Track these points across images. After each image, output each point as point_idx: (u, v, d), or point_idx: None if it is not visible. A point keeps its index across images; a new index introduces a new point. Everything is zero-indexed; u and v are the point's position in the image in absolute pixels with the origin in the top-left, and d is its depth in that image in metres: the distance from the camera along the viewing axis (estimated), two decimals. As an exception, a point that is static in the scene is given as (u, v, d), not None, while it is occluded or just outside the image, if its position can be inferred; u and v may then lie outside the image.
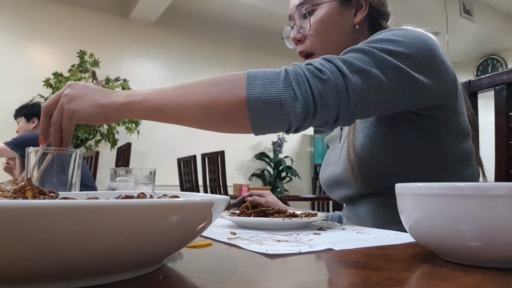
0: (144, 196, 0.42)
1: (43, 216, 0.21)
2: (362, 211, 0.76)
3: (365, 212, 0.75)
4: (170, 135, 4.34)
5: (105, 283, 0.27)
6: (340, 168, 0.77)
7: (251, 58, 4.97)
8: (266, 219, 0.59)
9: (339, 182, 0.79)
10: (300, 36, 0.78)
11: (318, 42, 0.76)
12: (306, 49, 0.78)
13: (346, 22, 0.76)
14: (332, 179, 0.81)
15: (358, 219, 0.77)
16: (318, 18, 0.76)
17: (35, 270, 0.23)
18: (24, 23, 3.70)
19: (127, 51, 4.23)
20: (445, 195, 0.32)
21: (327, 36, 0.76)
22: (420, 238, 0.37)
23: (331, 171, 0.82)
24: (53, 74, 3.47)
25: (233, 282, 0.29)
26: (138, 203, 0.24)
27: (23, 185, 0.33)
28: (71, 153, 0.61)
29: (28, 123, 2.53)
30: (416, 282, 0.31)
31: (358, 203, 0.78)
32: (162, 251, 0.30)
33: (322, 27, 0.76)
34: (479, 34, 4.90)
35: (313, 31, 0.76)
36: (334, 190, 0.83)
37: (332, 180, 0.81)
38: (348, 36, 0.77)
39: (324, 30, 0.76)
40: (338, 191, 0.81)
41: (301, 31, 0.78)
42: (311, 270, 0.35)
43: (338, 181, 0.79)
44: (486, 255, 0.32)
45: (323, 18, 0.76)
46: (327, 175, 0.83)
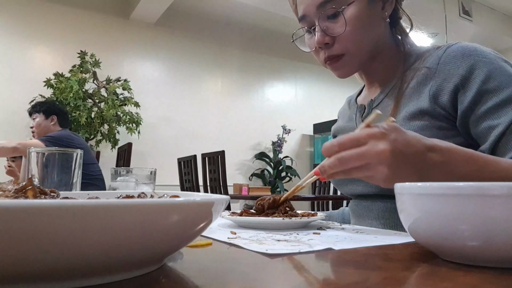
0: (144, 196, 0.42)
1: (44, 215, 0.21)
2: (376, 209, 0.74)
3: (379, 211, 0.73)
4: (171, 135, 4.35)
5: (105, 283, 0.27)
6: None
7: (251, 58, 4.97)
8: (266, 218, 0.59)
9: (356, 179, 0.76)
10: (329, 38, 0.71)
11: (352, 42, 0.70)
12: (337, 52, 0.72)
13: (377, 16, 0.72)
14: None
15: (369, 217, 0.75)
16: (352, 16, 0.69)
17: (35, 270, 0.23)
18: (25, 23, 3.70)
19: (127, 51, 4.24)
20: (444, 195, 0.32)
21: (362, 35, 0.71)
22: (419, 237, 0.37)
23: None
24: (54, 74, 3.47)
25: (233, 282, 0.29)
26: (139, 203, 0.24)
27: (24, 184, 0.34)
28: (72, 153, 0.61)
29: (46, 120, 2.48)
30: (416, 281, 0.31)
31: (373, 200, 0.75)
32: (162, 251, 0.30)
33: (357, 26, 0.70)
34: (478, 35, 4.90)
35: (349, 32, 0.69)
36: (347, 185, 0.80)
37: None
38: (380, 31, 0.74)
39: (359, 29, 0.70)
40: (353, 187, 0.78)
41: (330, 32, 0.71)
42: (311, 269, 0.35)
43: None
44: (485, 255, 0.32)
45: (357, 16, 0.69)
46: None
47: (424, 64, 0.71)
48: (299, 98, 5.40)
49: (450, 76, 0.66)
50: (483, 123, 0.62)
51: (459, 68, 0.65)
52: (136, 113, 3.72)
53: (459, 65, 0.66)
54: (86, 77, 3.54)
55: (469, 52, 0.66)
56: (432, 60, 0.70)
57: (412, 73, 0.72)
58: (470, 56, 0.65)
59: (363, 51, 0.73)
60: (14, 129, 2.61)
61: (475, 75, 0.63)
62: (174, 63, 4.52)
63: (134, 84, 3.83)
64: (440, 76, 0.67)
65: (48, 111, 2.49)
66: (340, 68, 0.74)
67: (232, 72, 4.92)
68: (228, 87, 4.92)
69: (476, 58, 0.65)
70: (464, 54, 0.66)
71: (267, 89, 5.20)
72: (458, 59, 0.66)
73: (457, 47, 0.68)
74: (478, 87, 0.62)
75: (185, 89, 4.57)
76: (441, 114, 0.66)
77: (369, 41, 0.72)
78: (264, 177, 4.92)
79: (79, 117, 3.33)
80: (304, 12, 0.74)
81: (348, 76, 0.78)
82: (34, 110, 2.50)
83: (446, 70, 0.67)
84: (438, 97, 0.66)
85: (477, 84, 0.63)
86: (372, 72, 0.80)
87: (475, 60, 0.65)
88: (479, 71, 0.63)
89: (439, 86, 0.67)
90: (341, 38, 0.70)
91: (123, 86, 3.70)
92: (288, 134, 4.91)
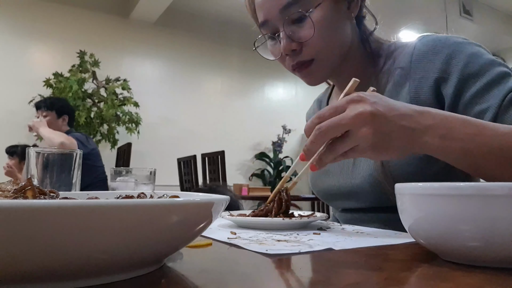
0: (144, 196, 0.42)
1: (43, 216, 0.21)
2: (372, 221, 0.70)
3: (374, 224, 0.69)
4: (170, 135, 4.35)
5: (105, 283, 0.27)
6: (356, 180, 0.69)
7: (251, 58, 4.96)
8: (266, 219, 0.59)
9: (350, 194, 0.72)
10: (296, 44, 0.66)
11: (321, 46, 0.66)
12: (306, 58, 0.67)
13: (343, 17, 0.69)
14: (338, 190, 0.74)
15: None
16: (320, 19, 0.65)
17: (34, 270, 0.23)
18: (24, 23, 3.70)
19: (127, 51, 4.23)
20: (445, 195, 0.32)
21: (331, 38, 0.67)
22: (420, 238, 0.37)
23: (336, 181, 0.74)
24: (53, 74, 3.47)
25: (233, 282, 0.29)
26: (138, 203, 0.24)
27: (24, 185, 0.33)
28: (72, 153, 0.61)
29: (58, 119, 2.42)
30: (416, 282, 0.31)
31: (368, 214, 0.72)
32: (162, 251, 0.30)
33: (325, 29, 0.66)
34: (479, 34, 4.90)
35: (317, 36, 0.65)
36: (337, 200, 0.77)
37: (338, 191, 0.74)
38: (348, 32, 0.70)
39: (328, 32, 0.66)
40: (345, 202, 0.75)
41: (297, 38, 0.66)
42: (311, 270, 0.35)
43: (349, 193, 0.72)
44: (486, 255, 0.32)
45: (324, 18, 0.65)
46: (330, 185, 0.76)
47: (396, 64, 0.68)
48: (299, 98, 5.39)
49: (427, 72, 0.63)
50: (473, 109, 0.60)
51: (435, 62, 0.63)
52: (136, 113, 3.72)
53: (434, 59, 0.64)
54: (86, 77, 3.54)
55: (441, 44, 0.64)
56: (404, 59, 0.67)
57: (386, 76, 0.69)
58: (444, 48, 0.63)
59: (333, 55, 0.69)
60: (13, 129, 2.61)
61: (453, 65, 0.62)
62: (174, 63, 4.52)
63: (133, 84, 3.83)
64: (416, 75, 0.65)
65: (61, 111, 2.42)
66: (309, 74, 0.70)
67: (232, 72, 4.92)
68: (228, 87, 4.91)
69: (449, 48, 0.63)
70: (435, 46, 0.64)
71: (267, 89, 5.19)
72: (430, 54, 0.64)
73: (426, 41, 0.66)
74: (459, 75, 0.61)
75: (185, 89, 4.57)
76: None
77: (338, 43, 0.69)
78: (264, 177, 4.92)
79: (79, 117, 3.33)
80: (266, 17, 0.69)
81: (319, 83, 0.74)
82: (46, 106, 2.40)
83: (421, 67, 0.64)
84: (419, 97, 0.64)
85: (457, 72, 0.61)
86: (343, 76, 0.75)
87: (449, 50, 0.63)
88: (456, 60, 0.62)
89: (417, 85, 0.64)
90: (309, 43, 0.66)
91: (123, 86, 3.70)
92: (288, 134, 4.91)
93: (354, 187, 0.70)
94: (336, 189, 0.74)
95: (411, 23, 4.41)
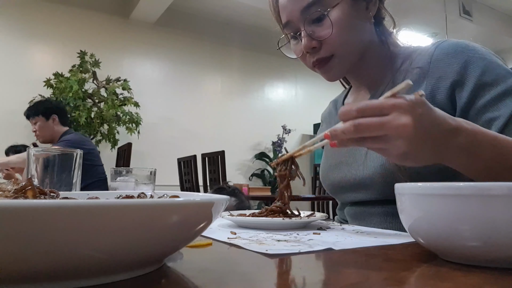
0: (144, 196, 0.42)
1: (43, 216, 0.21)
2: (377, 214, 0.72)
3: (380, 215, 0.71)
4: (171, 135, 4.35)
5: (105, 282, 0.27)
6: (368, 170, 0.71)
7: (251, 58, 4.97)
8: (266, 219, 0.59)
9: (360, 186, 0.73)
10: (316, 42, 0.69)
11: (339, 43, 0.69)
12: (325, 54, 0.70)
13: (361, 17, 0.71)
14: (348, 181, 0.75)
15: (371, 222, 0.73)
16: (338, 18, 0.68)
17: (35, 270, 0.23)
18: (25, 23, 3.70)
19: (127, 51, 4.24)
20: (445, 195, 0.32)
21: (349, 36, 0.70)
22: (419, 238, 0.37)
23: (348, 172, 0.75)
24: (53, 74, 3.47)
25: (233, 282, 0.29)
26: (138, 203, 0.24)
27: (24, 185, 0.33)
28: (72, 153, 0.61)
29: (48, 121, 2.42)
30: (416, 281, 0.31)
31: (373, 206, 0.73)
32: (162, 251, 0.30)
33: (343, 27, 0.68)
34: (478, 35, 4.90)
35: (335, 34, 0.68)
36: (347, 193, 0.77)
37: (349, 183, 0.75)
38: (366, 32, 0.73)
39: (346, 30, 0.69)
40: (354, 194, 0.75)
41: (317, 36, 0.69)
42: (311, 270, 0.35)
43: (359, 184, 0.73)
44: (485, 255, 0.32)
45: (342, 17, 0.68)
46: (341, 177, 0.77)
47: (415, 64, 0.70)
48: (299, 98, 5.40)
49: (445, 74, 0.65)
50: (483, 116, 0.62)
51: (453, 65, 0.65)
52: (136, 113, 3.72)
53: (453, 62, 0.65)
54: (86, 77, 3.54)
55: (461, 49, 0.66)
56: (423, 59, 0.69)
57: (403, 74, 0.71)
58: (463, 53, 0.65)
59: (351, 52, 0.71)
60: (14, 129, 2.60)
61: (471, 70, 0.64)
62: (174, 63, 4.52)
63: (133, 84, 3.82)
64: (434, 75, 0.67)
65: (47, 112, 2.42)
66: (329, 70, 0.73)
67: (232, 72, 4.92)
68: (228, 87, 4.91)
69: (469, 54, 0.65)
70: (456, 50, 0.66)
71: (267, 89, 5.19)
72: (450, 56, 0.66)
73: (448, 44, 0.68)
74: (476, 82, 0.63)
75: (185, 89, 4.57)
76: None
77: (356, 42, 0.71)
78: (264, 177, 4.92)
79: (79, 117, 3.33)
80: (288, 18, 0.72)
81: (338, 78, 0.77)
82: (32, 114, 2.42)
83: (440, 68, 0.66)
84: (435, 96, 0.66)
85: (474, 78, 0.63)
86: (361, 75, 0.79)
87: (468, 56, 0.65)
88: (474, 66, 0.64)
89: (434, 85, 0.66)
90: (328, 41, 0.69)
91: (123, 86, 3.70)
92: (288, 134, 4.91)
93: (365, 178, 0.71)
94: (347, 180, 0.76)
95: (411, 23, 4.41)
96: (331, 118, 0.91)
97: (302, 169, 0.64)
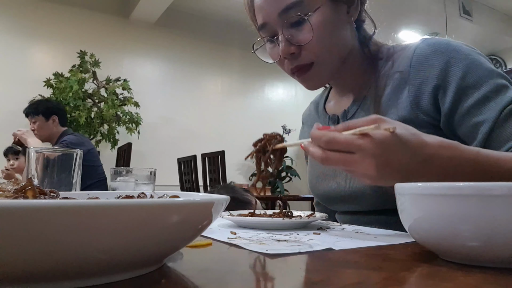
0: (144, 196, 0.42)
1: (43, 216, 0.21)
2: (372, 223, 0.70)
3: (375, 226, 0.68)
4: (170, 135, 4.35)
5: (105, 283, 0.27)
6: (357, 184, 0.69)
7: (251, 58, 4.96)
8: (266, 219, 0.59)
9: (351, 198, 0.71)
10: (295, 48, 0.65)
11: (320, 50, 0.65)
12: (305, 61, 0.66)
13: (343, 21, 0.68)
14: (339, 193, 0.73)
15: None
16: (319, 23, 0.64)
17: (35, 270, 0.23)
18: (25, 23, 3.70)
19: (127, 51, 4.23)
20: (445, 195, 0.32)
21: (330, 42, 0.66)
22: (419, 237, 0.37)
23: (337, 184, 0.74)
24: (53, 74, 3.47)
25: (233, 282, 0.29)
26: (138, 203, 0.24)
27: (24, 185, 0.33)
28: (72, 153, 0.61)
29: (47, 121, 2.41)
30: (416, 281, 0.31)
31: (369, 216, 0.72)
32: (162, 251, 0.30)
33: (324, 32, 0.64)
34: (478, 35, 4.90)
35: (316, 39, 0.64)
36: (338, 204, 0.76)
37: (339, 195, 0.74)
38: (347, 36, 0.69)
39: (327, 35, 0.65)
40: (346, 205, 0.74)
41: (296, 41, 0.65)
42: (311, 270, 0.35)
43: (350, 196, 0.71)
44: (485, 255, 0.32)
45: (323, 22, 0.64)
46: (331, 188, 0.75)
47: (396, 68, 0.68)
48: (299, 98, 5.39)
49: (426, 79, 0.63)
50: (468, 121, 0.60)
51: (434, 67, 0.63)
52: (136, 113, 3.72)
53: (433, 64, 0.63)
54: (86, 77, 3.54)
55: (441, 49, 0.63)
56: (404, 62, 0.67)
57: (384, 79, 0.69)
58: (443, 54, 0.63)
59: (333, 59, 0.68)
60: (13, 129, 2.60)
61: (452, 73, 0.61)
62: (174, 63, 4.52)
63: (133, 84, 3.83)
64: (415, 80, 0.64)
65: (47, 112, 2.42)
66: (309, 79, 0.69)
67: (232, 72, 4.92)
68: (228, 87, 4.91)
69: (449, 54, 0.62)
70: (436, 51, 0.64)
71: (267, 89, 5.19)
72: (430, 58, 0.64)
73: (427, 45, 0.65)
74: (457, 85, 0.60)
75: (185, 89, 4.57)
76: (425, 121, 0.63)
77: (338, 48, 0.68)
78: (264, 177, 4.91)
79: (79, 117, 3.33)
80: (264, 20, 0.68)
81: (318, 87, 0.74)
82: (32, 112, 2.42)
83: (421, 72, 0.64)
84: (419, 102, 0.64)
85: (455, 82, 0.61)
86: (342, 80, 0.76)
87: (448, 57, 0.62)
88: (455, 68, 0.61)
89: (417, 90, 0.64)
90: (308, 47, 0.65)
91: (123, 86, 3.70)
92: (288, 134, 4.91)
93: (355, 191, 0.70)
94: (336, 192, 0.74)
95: (411, 23, 4.42)
96: (312, 120, 0.87)
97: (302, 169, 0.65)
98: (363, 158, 0.44)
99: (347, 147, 0.45)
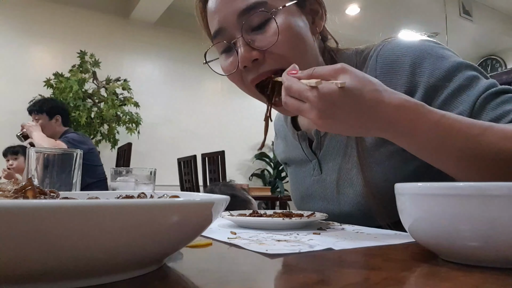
0: (144, 196, 0.42)
1: (43, 216, 0.21)
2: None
3: None
4: (171, 135, 4.35)
5: (105, 283, 0.27)
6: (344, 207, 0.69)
7: (251, 58, 4.97)
8: (266, 219, 0.59)
9: (340, 219, 0.70)
10: (257, 53, 0.58)
11: (288, 52, 0.59)
12: (273, 67, 0.60)
13: (309, 30, 0.63)
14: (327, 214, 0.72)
15: None
16: (285, 24, 0.58)
17: (35, 270, 0.23)
18: (25, 23, 3.70)
19: (127, 51, 4.24)
20: (445, 195, 0.32)
21: (298, 45, 0.60)
22: (419, 237, 0.37)
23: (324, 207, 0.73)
24: (53, 74, 3.47)
25: (233, 282, 0.29)
26: (138, 203, 0.24)
27: (24, 185, 0.33)
28: (72, 153, 0.61)
29: (51, 120, 2.41)
30: (416, 281, 0.31)
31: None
32: (162, 251, 0.30)
33: (291, 35, 0.59)
34: (478, 35, 4.91)
35: (282, 41, 0.58)
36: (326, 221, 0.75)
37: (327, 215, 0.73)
38: (315, 47, 0.65)
39: (294, 38, 0.59)
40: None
41: (257, 46, 0.58)
42: (311, 270, 0.35)
43: (339, 217, 0.70)
44: (485, 255, 0.32)
45: (289, 24, 0.59)
46: (319, 209, 0.74)
47: None
48: (299, 98, 5.40)
49: (395, 87, 0.59)
50: None
51: (400, 74, 0.61)
52: (136, 113, 3.72)
53: (398, 71, 0.61)
54: (86, 77, 3.54)
55: (402, 54, 0.61)
56: (370, 74, 0.63)
57: None
58: (405, 56, 0.61)
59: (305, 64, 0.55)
60: (14, 129, 2.60)
61: (418, 74, 0.59)
62: (174, 63, 4.52)
63: (133, 84, 3.83)
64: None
65: (51, 112, 2.42)
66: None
67: (232, 72, 4.92)
68: (228, 87, 4.91)
69: (413, 56, 0.60)
70: (398, 57, 0.61)
71: (267, 89, 5.20)
72: (395, 64, 0.62)
73: (388, 53, 0.63)
74: (426, 86, 0.59)
75: (185, 89, 4.57)
76: None
77: (307, 54, 0.62)
78: (264, 177, 4.92)
79: (79, 117, 3.33)
80: (221, 25, 0.61)
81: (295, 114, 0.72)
82: (36, 110, 2.42)
83: (388, 81, 0.60)
84: None
85: (423, 83, 0.59)
86: None
87: (413, 59, 0.60)
88: (421, 69, 0.59)
89: None
90: (274, 49, 0.58)
91: (123, 86, 3.70)
92: (288, 134, 4.91)
93: (344, 214, 0.70)
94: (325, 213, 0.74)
95: (411, 23, 4.42)
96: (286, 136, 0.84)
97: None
98: (310, 109, 0.47)
99: (298, 96, 0.48)
